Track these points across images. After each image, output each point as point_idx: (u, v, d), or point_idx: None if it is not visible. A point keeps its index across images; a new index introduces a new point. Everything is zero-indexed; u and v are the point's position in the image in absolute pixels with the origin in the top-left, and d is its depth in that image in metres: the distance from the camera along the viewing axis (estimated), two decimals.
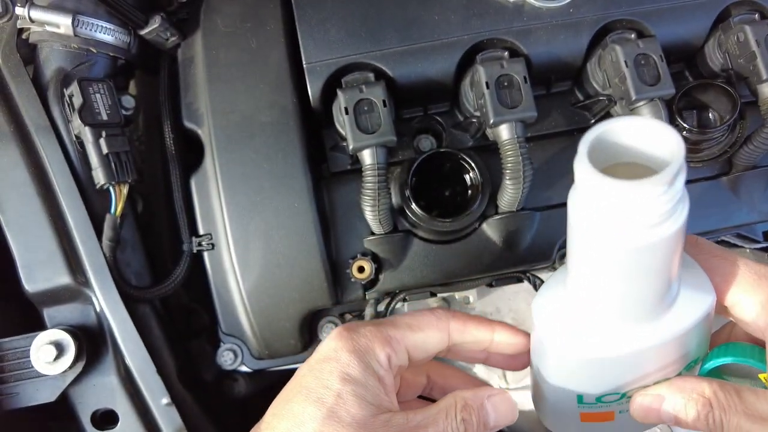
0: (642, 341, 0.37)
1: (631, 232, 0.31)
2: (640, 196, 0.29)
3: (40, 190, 0.59)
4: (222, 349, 0.63)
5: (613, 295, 0.37)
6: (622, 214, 0.30)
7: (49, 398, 0.57)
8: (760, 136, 0.57)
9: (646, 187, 0.29)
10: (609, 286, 0.36)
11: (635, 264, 0.33)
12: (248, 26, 0.62)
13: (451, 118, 0.64)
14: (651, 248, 0.31)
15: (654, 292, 0.36)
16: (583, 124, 0.63)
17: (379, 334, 0.40)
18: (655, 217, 0.30)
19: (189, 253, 0.63)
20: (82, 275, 0.58)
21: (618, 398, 0.42)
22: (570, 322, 0.40)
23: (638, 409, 0.39)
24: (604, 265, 0.35)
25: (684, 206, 0.31)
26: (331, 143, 0.64)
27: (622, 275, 0.34)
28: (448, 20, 0.58)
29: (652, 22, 0.58)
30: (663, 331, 0.37)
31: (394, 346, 0.40)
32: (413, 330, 0.41)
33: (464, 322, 0.44)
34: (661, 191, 0.29)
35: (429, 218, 0.57)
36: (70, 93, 0.58)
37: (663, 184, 0.29)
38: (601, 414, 0.43)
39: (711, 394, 0.36)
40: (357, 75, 0.57)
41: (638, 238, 0.31)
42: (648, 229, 0.30)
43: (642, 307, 0.37)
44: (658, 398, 0.38)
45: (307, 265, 0.59)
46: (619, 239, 0.31)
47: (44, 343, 0.56)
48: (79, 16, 0.59)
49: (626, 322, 0.38)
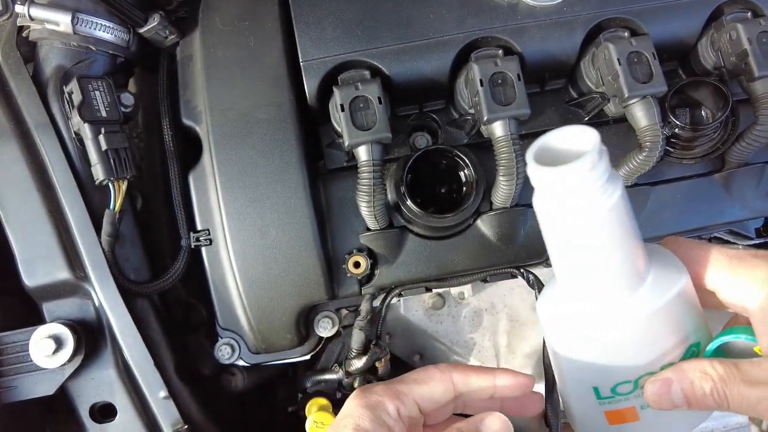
0: (624, 315, 0.41)
1: (576, 209, 0.37)
2: (572, 177, 0.36)
3: (39, 186, 0.59)
4: (219, 344, 0.64)
5: (585, 274, 0.41)
6: (565, 196, 0.37)
7: (48, 391, 0.58)
8: (752, 134, 0.58)
9: (573, 167, 0.36)
10: (577, 265, 0.41)
11: (590, 239, 0.39)
12: (246, 24, 0.62)
13: (446, 115, 0.64)
14: (596, 221, 0.38)
15: (619, 265, 0.40)
16: (577, 122, 0.64)
17: (389, 390, 0.45)
18: (590, 193, 0.37)
19: (187, 249, 0.63)
20: (81, 270, 0.59)
21: (632, 389, 0.43)
22: (561, 313, 0.44)
23: (651, 396, 0.41)
24: (567, 247, 0.40)
25: (615, 185, 0.38)
26: (328, 140, 0.64)
27: (583, 252, 0.40)
28: (443, 18, 0.58)
29: (645, 20, 0.58)
30: (642, 305, 0.41)
31: (403, 399, 0.44)
32: (419, 384, 0.46)
33: (465, 373, 0.48)
34: (586, 171, 0.36)
35: (424, 214, 0.58)
36: (69, 90, 0.59)
37: (585, 164, 0.36)
38: (625, 412, 0.44)
39: (712, 370, 0.38)
40: (353, 72, 0.58)
41: (582, 214, 0.37)
42: (589, 205, 0.37)
43: (613, 280, 0.41)
44: (666, 382, 0.40)
45: (303, 261, 0.60)
46: (568, 218, 0.38)
47: (43, 337, 0.57)
48: (78, 14, 0.60)
49: (606, 300, 0.41)
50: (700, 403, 0.39)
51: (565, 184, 0.37)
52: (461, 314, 0.76)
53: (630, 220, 0.40)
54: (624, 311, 0.41)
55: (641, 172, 0.59)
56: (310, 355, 0.67)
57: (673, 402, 0.40)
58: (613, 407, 0.45)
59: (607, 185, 0.37)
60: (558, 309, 0.45)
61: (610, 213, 0.38)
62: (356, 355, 0.65)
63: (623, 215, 0.39)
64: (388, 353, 0.67)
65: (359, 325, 0.64)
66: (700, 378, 0.39)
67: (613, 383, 0.43)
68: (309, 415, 0.65)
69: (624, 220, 0.39)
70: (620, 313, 0.41)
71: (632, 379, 0.43)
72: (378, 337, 0.66)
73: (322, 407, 0.66)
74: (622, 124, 0.63)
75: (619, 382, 0.43)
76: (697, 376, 0.39)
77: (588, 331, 0.43)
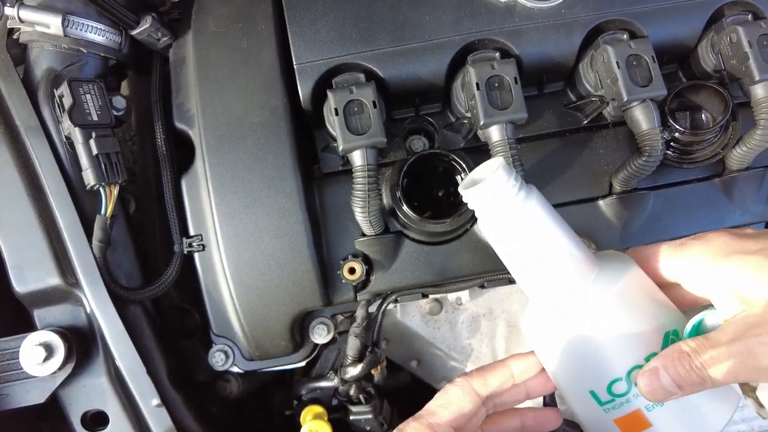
0: (580, 307, 0.44)
1: (501, 218, 0.45)
2: (487, 191, 0.44)
3: (30, 190, 0.59)
4: (213, 350, 0.63)
5: (536, 278, 0.46)
6: (489, 209, 0.45)
7: (39, 399, 0.57)
8: (752, 138, 0.57)
9: (486, 182, 0.44)
10: (527, 272, 0.46)
11: (522, 242, 0.45)
12: (239, 26, 0.62)
13: (442, 118, 0.63)
14: (520, 225, 0.44)
15: (560, 260, 0.44)
16: (575, 125, 0.63)
17: (421, 426, 0.45)
18: (507, 201, 0.44)
19: (180, 254, 0.62)
20: (72, 276, 0.58)
21: (627, 388, 0.43)
22: (538, 327, 0.47)
23: (644, 389, 0.41)
24: (511, 256, 0.46)
25: (530, 193, 0.44)
26: (323, 144, 0.63)
27: (524, 256, 0.45)
28: (439, 21, 0.57)
29: (644, 22, 0.58)
30: (596, 292, 0.44)
31: (437, 429, 0.45)
32: (446, 407, 0.47)
33: (482, 376, 0.49)
34: (496, 183, 0.43)
35: (420, 219, 0.57)
36: (60, 93, 0.58)
37: (494, 182, 0.43)
38: (633, 417, 0.44)
39: (686, 347, 0.40)
40: (347, 76, 0.57)
41: (507, 219, 0.44)
42: (509, 211, 0.44)
43: (560, 277, 0.45)
44: (653, 371, 0.41)
45: (297, 267, 0.59)
46: (499, 228, 0.45)
47: (34, 345, 0.56)
48: (69, 17, 0.59)
49: (561, 299, 0.45)
50: (688, 384, 0.40)
51: (485, 198, 0.44)
52: (459, 320, 0.75)
53: (554, 220, 0.45)
54: (579, 302, 0.44)
55: (641, 177, 0.58)
56: (305, 361, 0.66)
57: (666, 389, 0.40)
58: (619, 413, 0.44)
59: (520, 193, 0.44)
60: (534, 324, 0.47)
61: (528, 214, 0.44)
62: (352, 362, 0.64)
63: (544, 215, 0.44)
64: (384, 360, 0.67)
65: (355, 331, 0.63)
66: (678, 357, 0.40)
67: (605, 382, 0.44)
68: (304, 423, 0.64)
69: (546, 220, 0.44)
70: (577, 306, 0.44)
71: (622, 375, 0.43)
72: (374, 344, 0.65)
73: (317, 415, 0.65)
74: (621, 128, 0.62)
75: (611, 381, 0.44)
76: (676, 357, 0.40)
77: (559, 334, 0.45)
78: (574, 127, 0.63)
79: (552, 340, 0.46)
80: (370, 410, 0.67)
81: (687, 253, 0.44)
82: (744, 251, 0.41)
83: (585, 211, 0.61)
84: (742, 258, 0.41)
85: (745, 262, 0.41)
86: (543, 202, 0.45)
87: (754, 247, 0.41)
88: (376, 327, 0.64)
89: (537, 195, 0.45)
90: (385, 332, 0.77)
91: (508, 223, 0.44)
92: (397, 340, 0.78)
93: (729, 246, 0.42)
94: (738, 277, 0.41)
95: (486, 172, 0.46)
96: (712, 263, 0.42)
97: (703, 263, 0.43)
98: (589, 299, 0.44)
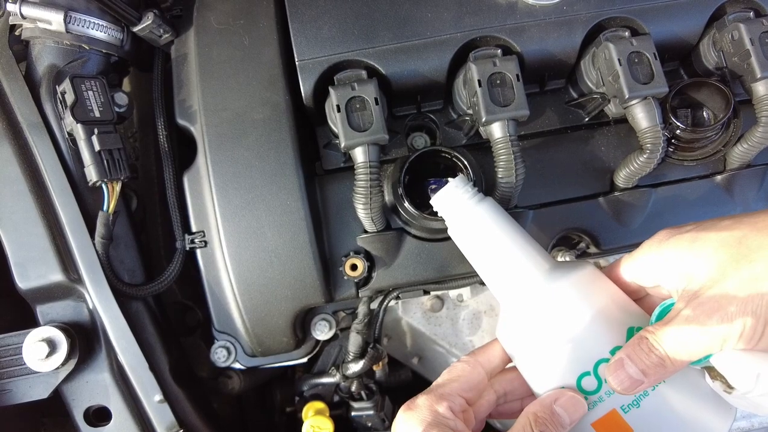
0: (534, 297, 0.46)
1: (460, 220, 0.50)
2: (446, 198, 0.50)
3: (32, 187, 0.59)
4: (215, 347, 0.64)
5: (495, 276, 0.49)
6: (451, 213, 0.51)
7: (42, 395, 0.57)
8: (754, 135, 0.57)
9: (444, 190, 0.50)
10: (488, 271, 0.49)
11: (482, 240, 0.49)
12: (241, 23, 0.62)
13: (444, 115, 0.64)
14: (474, 226, 0.49)
15: (515, 255, 0.47)
16: (577, 122, 0.63)
17: (433, 396, 0.46)
18: (462, 206, 0.50)
19: (182, 251, 0.63)
20: (74, 272, 0.58)
21: (597, 385, 0.43)
22: (506, 328, 0.48)
23: (613, 381, 0.42)
24: (474, 256, 0.50)
25: (484, 199, 0.50)
26: (325, 141, 0.63)
27: (483, 255, 0.49)
28: (441, 18, 0.57)
29: (646, 19, 0.57)
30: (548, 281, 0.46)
31: (449, 398, 0.46)
32: (455, 380, 0.47)
33: (483, 350, 0.50)
34: (453, 193, 0.50)
35: (422, 216, 0.57)
36: (62, 90, 0.58)
37: (449, 189, 0.50)
38: (610, 419, 0.43)
39: (645, 332, 0.42)
40: (349, 72, 0.57)
41: (463, 222, 0.50)
42: (465, 215, 0.50)
43: (515, 272, 0.47)
44: (619, 361, 0.41)
45: (299, 263, 0.59)
46: (460, 230, 0.51)
47: (37, 340, 0.56)
48: (71, 13, 0.59)
49: (519, 295, 0.47)
50: (652, 371, 0.40)
51: (444, 203, 0.50)
52: (460, 316, 0.75)
53: (505, 222, 0.49)
54: (534, 295, 0.46)
55: (642, 174, 0.58)
56: (307, 358, 0.67)
57: (632, 378, 0.41)
58: (595, 415, 0.44)
59: (473, 198, 0.50)
60: (503, 328, 0.48)
61: (480, 217, 0.49)
62: (353, 358, 0.64)
63: (495, 217, 0.49)
64: (386, 356, 0.67)
65: (356, 328, 0.63)
66: (638, 343, 0.41)
67: (574, 376, 0.44)
68: (306, 418, 0.65)
69: (497, 221, 0.49)
70: (532, 299, 0.46)
71: (589, 368, 0.43)
72: (376, 340, 0.65)
73: (318, 411, 0.65)
74: (622, 125, 0.62)
75: (580, 375, 0.44)
76: (636, 343, 0.41)
77: (522, 332, 0.46)
78: (576, 125, 0.63)
79: (517, 339, 0.47)
80: (371, 406, 0.68)
81: (637, 253, 0.46)
82: (680, 233, 0.44)
83: (586, 208, 0.61)
84: (678, 238, 0.43)
85: (679, 240, 0.43)
86: (494, 206, 0.50)
87: (688, 227, 0.44)
88: (378, 323, 0.65)
89: (489, 201, 0.50)
90: (386, 329, 0.77)
91: (464, 225, 0.50)
92: (398, 337, 0.78)
93: (669, 233, 0.45)
94: (677, 256, 0.43)
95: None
96: (657, 253, 0.44)
97: (649, 255, 0.45)
98: (543, 291, 0.46)
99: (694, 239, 0.42)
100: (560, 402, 0.43)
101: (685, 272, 0.42)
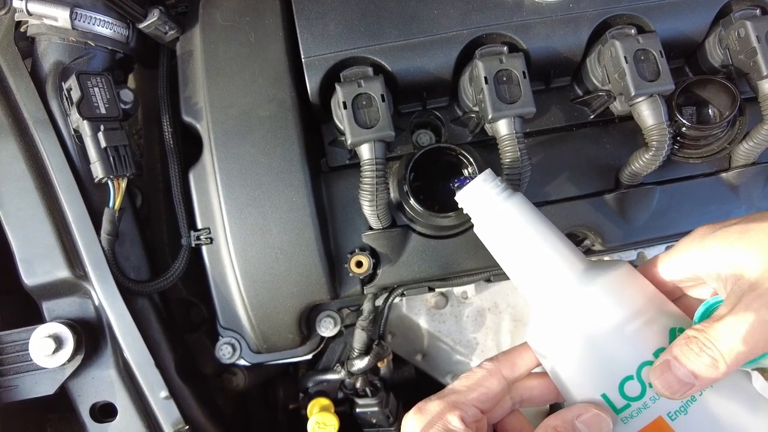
0: (575, 299, 0.43)
1: (488, 216, 0.48)
2: (474, 193, 0.48)
3: (38, 183, 0.59)
4: (220, 343, 0.64)
5: (528, 276, 0.46)
6: (478, 209, 0.48)
7: (48, 391, 0.58)
8: (759, 133, 0.57)
9: (472, 185, 0.48)
10: (520, 271, 0.47)
11: (508, 239, 0.47)
12: (247, 20, 0.62)
13: (450, 113, 0.64)
14: (503, 222, 0.47)
15: (547, 254, 0.45)
16: (582, 120, 0.63)
17: (445, 403, 0.44)
18: (491, 202, 0.47)
19: (187, 247, 0.63)
20: (80, 269, 0.59)
21: (641, 390, 0.41)
22: (540, 332, 0.46)
23: (658, 384, 0.39)
24: (504, 255, 0.48)
25: (512, 194, 0.47)
26: (330, 138, 0.63)
27: (513, 253, 0.47)
28: (448, 15, 0.57)
29: (652, 17, 0.58)
30: (585, 285, 0.44)
31: (462, 407, 0.44)
32: (473, 388, 0.45)
33: (507, 357, 0.47)
34: (481, 188, 0.48)
35: (427, 213, 0.57)
36: (68, 86, 0.58)
37: (478, 184, 0.48)
38: (656, 428, 0.40)
39: (692, 332, 0.39)
40: (355, 69, 0.57)
41: (491, 218, 0.47)
42: (494, 211, 0.47)
43: (548, 271, 0.45)
44: (665, 363, 0.39)
45: (304, 260, 0.59)
46: (486, 225, 0.48)
47: (43, 336, 0.56)
48: (77, 9, 0.59)
49: (555, 296, 0.44)
50: (704, 372, 0.37)
51: (471, 199, 0.48)
52: (464, 314, 0.75)
53: (536, 218, 0.46)
54: (570, 296, 0.44)
55: (648, 171, 0.58)
56: (311, 354, 0.67)
57: (682, 381, 0.38)
58: (640, 423, 0.41)
59: (503, 194, 0.47)
60: (534, 331, 0.46)
61: (510, 213, 0.46)
62: (358, 354, 0.64)
63: (525, 213, 0.46)
64: (391, 353, 0.67)
65: (361, 324, 0.63)
66: (686, 342, 0.38)
67: (616, 381, 0.41)
68: (311, 415, 0.65)
69: (528, 218, 0.46)
70: (569, 300, 0.44)
71: (632, 372, 0.41)
72: (380, 337, 0.65)
73: (323, 407, 0.66)
74: (628, 123, 0.62)
75: (623, 379, 0.41)
76: (684, 343, 0.38)
77: (557, 335, 0.44)
78: (581, 122, 0.63)
79: (551, 344, 0.45)
80: (376, 403, 0.68)
81: (677, 249, 0.44)
82: (725, 226, 0.42)
83: (591, 206, 0.61)
84: (726, 231, 0.41)
85: (727, 233, 0.41)
86: (525, 202, 0.47)
87: (734, 221, 0.42)
88: (383, 320, 0.65)
89: (519, 196, 0.47)
90: (391, 326, 0.77)
91: (493, 222, 0.47)
92: (402, 334, 0.79)
93: (711, 227, 0.43)
94: (725, 250, 0.41)
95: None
96: (700, 248, 0.42)
97: (691, 252, 0.43)
98: (579, 292, 0.43)
99: (744, 231, 0.40)
100: (583, 418, 0.41)
101: (735, 265, 0.39)
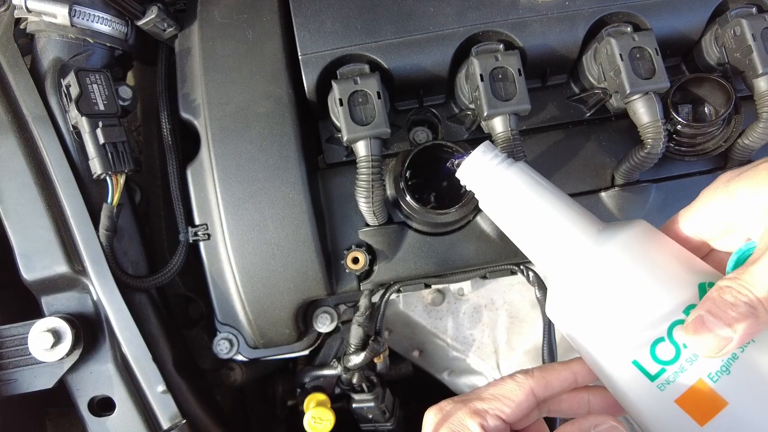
0: (594, 261, 0.41)
1: (491, 188, 0.47)
2: (474, 165, 0.47)
3: (37, 179, 0.59)
4: (218, 338, 0.64)
5: (540, 243, 0.45)
6: (480, 181, 0.47)
7: (47, 385, 0.58)
8: (755, 131, 0.57)
9: (471, 157, 0.47)
10: (531, 239, 0.45)
11: (515, 209, 0.45)
12: (244, 17, 0.62)
13: (446, 110, 0.64)
14: (508, 191, 0.46)
15: (559, 217, 0.44)
16: (578, 117, 0.63)
17: (467, 408, 0.43)
18: (492, 172, 0.46)
19: (185, 243, 0.63)
20: (79, 264, 0.59)
21: (674, 352, 0.37)
22: (559, 301, 0.43)
23: (695, 343, 0.36)
24: (511, 225, 0.47)
25: (512, 162, 0.47)
26: (327, 134, 0.64)
27: (522, 222, 0.46)
28: (444, 12, 0.58)
29: (648, 15, 0.58)
30: (603, 245, 0.41)
31: (483, 415, 0.42)
32: (499, 399, 0.43)
33: (542, 375, 0.45)
34: (481, 159, 0.47)
35: (423, 210, 0.57)
36: (67, 83, 0.58)
37: (476, 155, 0.47)
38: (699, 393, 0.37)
39: (727, 281, 0.36)
40: (352, 66, 0.57)
41: (495, 189, 0.46)
42: (496, 181, 0.46)
43: (561, 236, 0.43)
44: (697, 320, 0.35)
45: (301, 256, 0.59)
46: (490, 197, 0.47)
47: (42, 331, 0.57)
48: (75, 7, 0.59)
49: (572, 256, 0.42)
50: (743, 323, 0.34)
51: (472, 172, 0.47)
52: (461, 310, 0.76)
53: (541, 183, 0.45)
54: (585, 259, 0.41)
55: (643, 169, 0.58)
56: (308, 350, 0.67)
57: (720, 336, 0.34)
58: (679, 389, 0.37)
59: (503, 163, 0.46)
60: (554, 305, 0.44)
61: (513, 181, 0.45)
62: (355, 350, 0.65)
63: (529, 180, 0.45)
64: (387, 349, 0.67)
65: (358, 320, 0.64)
66: (720, 293, 0.35)
67: (647, 345, 0.38)
68: (307, 410, 0.65)
69: (532, 184, 0.45)
70: (583, 264, 0.41)
71: (663, 333, 0.38)
72: (377, 333, 0.66)
73: (320, 402, 0.66)
74: (624, 120, 0.62)
75: (654, 342, 0.38)
76: (716, 294, 0.35)
77: (579, 304, 0.41)
78: (577, 120, 0.63)
79: (572, 314, 0.42)
80: (372, 398, 0.68)
81: (699, 201, 0.41)
82: (751, 167, 0.38)
83: (587, 203, 0.61)
84: (753, 171, 0.38)
85: (755, 173, 0.37)
86: (528, 169, 0.46)
87: (757, 163, 0.39)
88: (379, 316, 0.65)
89: (522, 164, 0.46)
90: (387, 322, 0.78)
91: (497, 194, 0.46)
92: (399, 330, 0.79)
93: (735, 172, 0.39)
94: (754, 191, 0.37)
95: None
96: (725, 194, 0.39)
97: (716, 200, 0.39)
98: (595, 255, 0.41)
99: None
100: (600, 429, 0.39)
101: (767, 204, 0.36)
